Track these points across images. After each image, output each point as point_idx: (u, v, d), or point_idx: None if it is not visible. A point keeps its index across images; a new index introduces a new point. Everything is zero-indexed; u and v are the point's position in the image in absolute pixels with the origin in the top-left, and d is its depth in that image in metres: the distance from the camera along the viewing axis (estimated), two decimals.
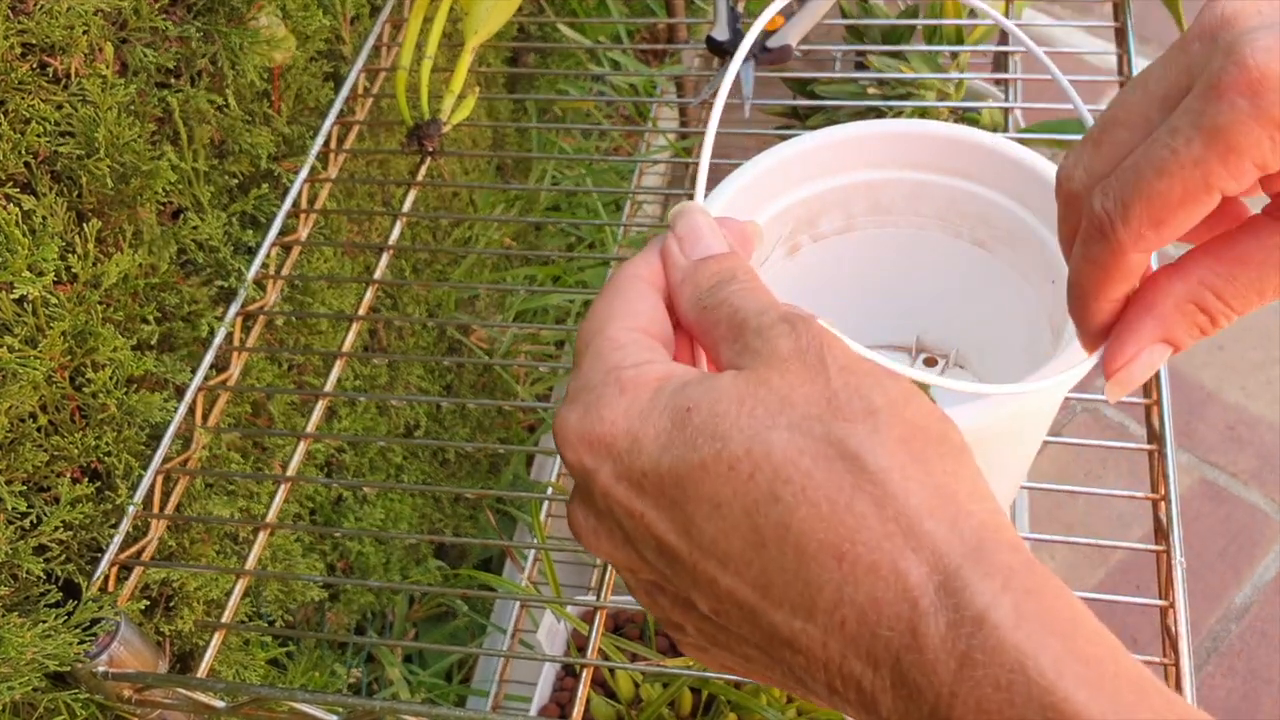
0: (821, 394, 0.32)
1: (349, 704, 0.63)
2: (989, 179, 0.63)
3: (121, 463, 0.73)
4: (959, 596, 0.29)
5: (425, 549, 1.22)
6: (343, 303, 0.96)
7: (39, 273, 0.64)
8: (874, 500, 0.31)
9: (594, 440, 0.34)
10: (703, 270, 0.38)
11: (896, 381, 0.33)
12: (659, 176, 1.67)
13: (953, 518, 0.30)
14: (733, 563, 0.32)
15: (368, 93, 0.99)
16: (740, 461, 0.32)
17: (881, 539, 0.30)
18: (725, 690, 0.95)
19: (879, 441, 0.31)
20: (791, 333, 0.34)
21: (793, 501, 0.31)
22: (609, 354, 0.36)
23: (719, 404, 0.33)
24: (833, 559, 0.30)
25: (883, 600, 0.30)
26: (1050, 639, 0.28)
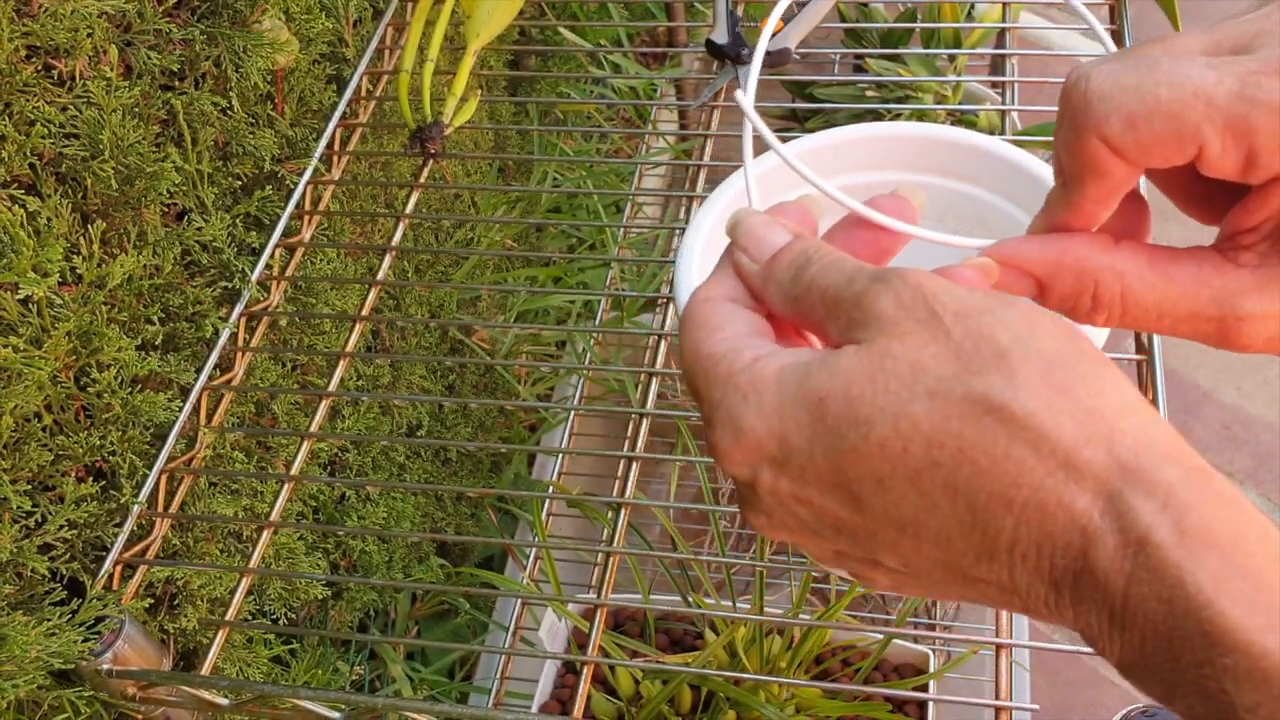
0: (946, 350, 0.33)
1: (352, 701, 0.64)
2: (986, 181, 0.64)
3: (126, 462, 0.74)
4: (1123, 519, 0.30)
5: (427, 547, 1.22)
6: (346, 303, 0.96)
7: (44, 274, 0.65)
8: (1029, 444, 0.31)
9: (745, 452, 0.35)
10: (777, 266, 0.38)
11: (1013, 308, 0.33)
12: (659, 179, 1.68)
13: (1108, 441, 0.31)
14: (909, 527, 0.33)
15: (370, 95, 0.99)
16: (890, 440, 0.32)
17: (1044, 478, 0.31)
18: (724, 687, 0.95)
19: (1019, 385, 0.32)
20: (888, 290, 0.34)
21: (952, 464, 0.32)
22: (715, 368, 0.36)
23: (851, 387, 0.33)
24: (1002, 506, 0.32)
25: (1055, 532, 0.31)
26: (1208, 554, 0.29)
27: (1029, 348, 0.32)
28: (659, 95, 1.59)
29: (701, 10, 1.53)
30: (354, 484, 1.05)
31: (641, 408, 0.80)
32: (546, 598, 1.16)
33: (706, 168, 0.94)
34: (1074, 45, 2.04)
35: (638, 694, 1.08)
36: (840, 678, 1.10)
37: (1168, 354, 1.89)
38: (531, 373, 1.31)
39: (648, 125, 1.60)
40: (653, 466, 1.48)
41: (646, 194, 1.24)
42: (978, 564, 0.33)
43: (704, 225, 0.61)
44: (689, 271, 0.59)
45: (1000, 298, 0.34)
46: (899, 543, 0.34)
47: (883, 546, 0.34)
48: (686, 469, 1.36)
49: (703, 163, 0.94)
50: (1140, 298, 0.38)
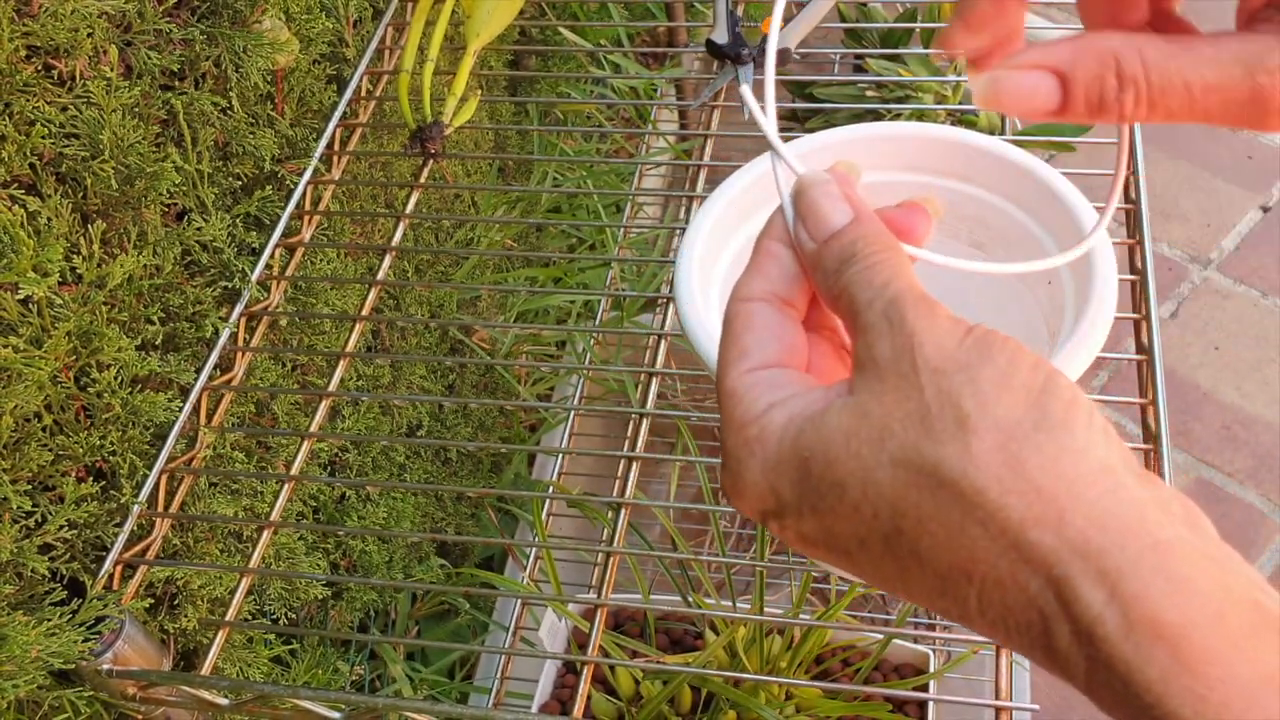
0: (915, 412, 0.33)
1: (352, 701, 0.64)
2: (986, 181, 0.64)
3: (126, 462, 0.74)
4: (1072, 608, 0.30)
5: (427, 547, 1.22)
6: (346, 303, 0.96)
7: (44, 273, 0.65)
8: (979, 521, 0.31)
9: (749, 501, 0.36)
10: (826, 254, 0.38)
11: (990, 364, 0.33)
12: (659, 179, 1.68)
13: (1056, 521, 0.31)
14: (892, 582, 0.35)
15: (370, 95, 0.99)
16: (861, 505, 0.33)
17: (997, 557, 0.31)
18: (724, 688, 0.95)
19: (970, 459, 0.32)
20: (889, 333, 0.34)
21: (914, 533, 0.33)
22: (733, 410, 0.37)
23: (830, 449, 0.34)
24: (963, 578, 0.32)
25: (1015, 609, 0.31)
26: (1155, 649, 0.29)
27: (990, 415, 0.32)
28: (659, 95, 1.59)
29: (701, 10, 1.53)
30: (354, 484, 1.05)
31: (641, 408, 0.80)
32: (546, 598, 1.16)
33: (706, 168, 0.94)
34: None
35: (638, 694, 1.08)
36: (840, 678, 1.10)
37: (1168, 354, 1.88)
38: (531, 373, 1.31)
39: (648, 125, 1.60)
40: (653, 466, 1.48)
41: (646, 194, 1.24)
42: (963, 619, 0.33)
43: (704, 225, 0.61)
44: (689, 271, 0.59)
45: (984, 349, 0.33)
46: (893, 589, 0.35)
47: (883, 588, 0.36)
48: (686, 469, 1.36)
49: (703, 163, 0.94)
50: (1163, 69, 0.35)
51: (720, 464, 0.38)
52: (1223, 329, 1.72)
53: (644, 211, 1.60)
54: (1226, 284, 1.78)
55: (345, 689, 1.05)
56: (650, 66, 1.64)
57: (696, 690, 1.04)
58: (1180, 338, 1.71)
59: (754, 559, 1.10)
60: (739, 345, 0.38)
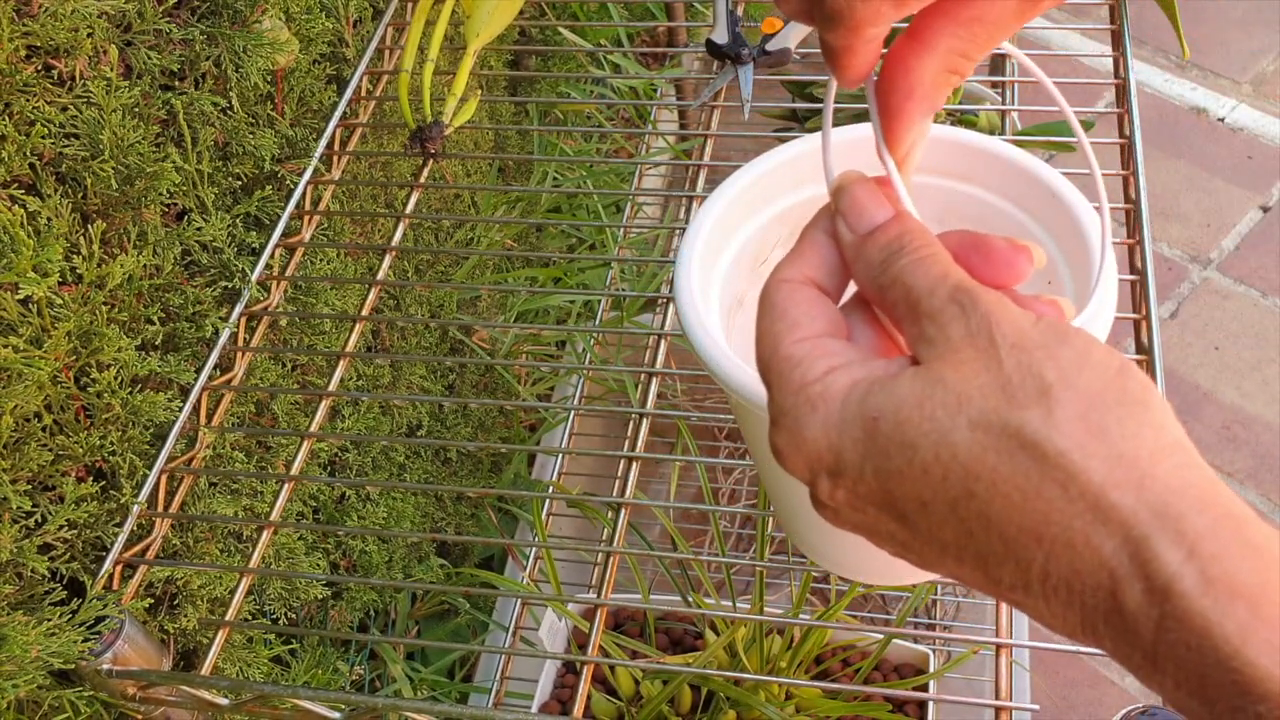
0: (995, 381, 0.33)
1: (352, 701, 0.64)
2: (986, 181, 0.64)
3: (126, 462, 0.74)
4: (1149, 566, 0.31)
5: (427, 547, 1.23)
6: (346, 303, 0.96)
7: (44, 273, 0.65)
8: (1059, 483, 0.32)
9: (806, 459, 0.36)
10: (871, 246, 0.38)
11: (1068, 345, 0.34)
12: (659, 179, 1.68)
13: (1137, 485, 0.32)
14: (952, 548, 0.34)
15: (370, 95, 0.99)
16: (932, 466, 0.34)
17: (1072, 518, 0.32)
18: (724, 687, 0.95)
19: (1054, 424, 0.32)
20: (961, 315, 0.35)
21: (986, 495, 0.33)
22: (790, 373, 0.37)
23: (901, 410, 0.34)
24: (1033, 541, 0.32)
25: (1084, 571, 0.32)
26: (1234, 604, 0.30)
27: (1072, 386, 0.33)
28: (659, 95, 1.59)
29: (701, 10, 1.53)
30: (354, 484, 1.05)
31: (641, 408, 0.80)
32: (546, 598, 1.16)
33: (706, 168, 0.94)
34: (1074, 45, 2.04)
35: (638, 694, 1.08)
36: (840, 678, 1.10)
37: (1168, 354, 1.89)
38: (531, 373, 1.31)
39: (648, 125, 1.60)
40: (653, 466, 1.48)
41: (646, 194, 1.24)
42: (1014, 590, 0.34)
43: (704, 225, 0.61)
44: (689, 271, 0.59)
45: (1060, 333, 0.34)
46: (943, 560, 0.35)
47: (930, 561, 0.36)
48: (686, 469, 1.36)
49: (703, 163, 0.94)
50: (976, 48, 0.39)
51: (771, 424, 0.37)
52: (1223, 329, 1.72)
53: (644, 211, 1.60)
54: (1226, 284, 1.78)
55: (345, 689, 1.05)
56: (650, 66, 1.64)
57: (696, 690, 1.04)
58: (1180, 338, 1.71)
59: (754, 559, 1.10)
60: (788, 318, 0.38)
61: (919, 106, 0.41)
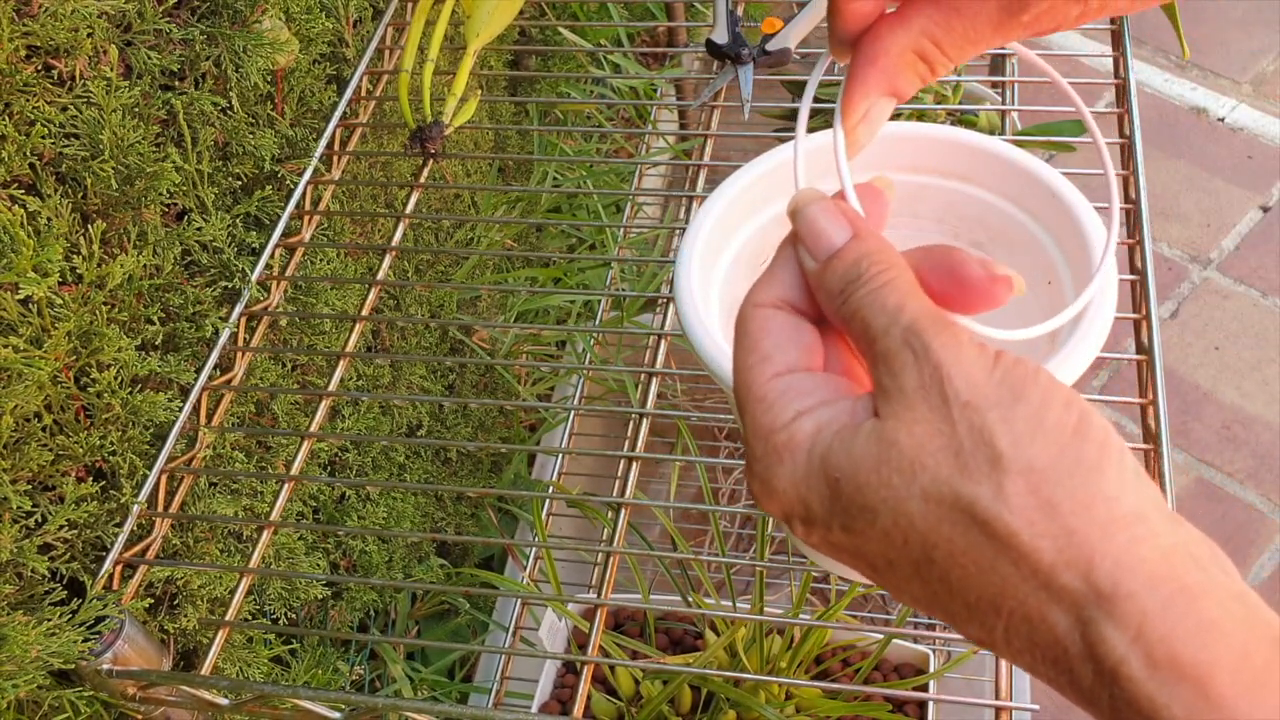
0: (948, 446, 0.33)
1: (352, 701, 0.64)
2: (986, 181, 0.64)
3: (126, 462, 0.74)
4: (1096, 649, 0.31)
5: (427, 547, 1.22)
6: (346, 303, 0.96)
7: (44, 273, 0.65)
8: (1011, 560, 0.32)
9: (779, 506, 0.37)
10: (829, 274, 0.38)
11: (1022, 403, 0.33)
12: (659, 179, 1.68)
13: (1086, 565, 0.31)
14: (921, 601, 0.35)
15: (370, 95, 0.99)
16: (892, 531, 0.34)
17: (1027, 595, 0.32)
18: (724, 688, 0.95)
19: (1004, 500, 0.32)
20: (914, 363, 0.34)
21: (945, 564, 0.33)
22: (761, 417, 0.37)
23: (859, 474, 0.34)
24: (992, 611, 0.33)
25: (1042, 645, 0.32)
26: (1181, 687, 0.30)
27: (1023, 456, 0.33)
28: (659, 95, 1.59)
29: (701, 10, 1.53)
30: (354, 484, 1.05)
31: (641, 408, 0.80)
32: (546, 598, 1.16)
33: (706, 168, 0.94)
34: (1074, 45, 2.04)
35: (638, 694, 1.08)
36: (840, 678, 1.10)
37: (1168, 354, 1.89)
38: (531, 373, 1.31)
39: (648, 125, 1.60)
40: (653, 466, 1.48)
41: (646, 194, 1.24)
42: (988, 644, 0.34)
43: (704, 225, 0.61)
44: (689, 271, 0.59)
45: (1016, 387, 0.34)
46: (916, 606, 0.36)
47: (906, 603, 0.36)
48: (686, 469, 1.36)
49: (703, 163, 0.94)
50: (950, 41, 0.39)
51: (746, 467, 0.38)
52: (1223, 329, 1.72)
53: (644, 211, 1.60)
54: (1226, 284, 1.78)
55: (345, 689, 1.05)
56: (650, 66, 1.64)
57: (696, 690, 1.04)
58: (1180, 338, 1.71)
59: (754, 559, 1.10)
60: (759, 350, 0.38)
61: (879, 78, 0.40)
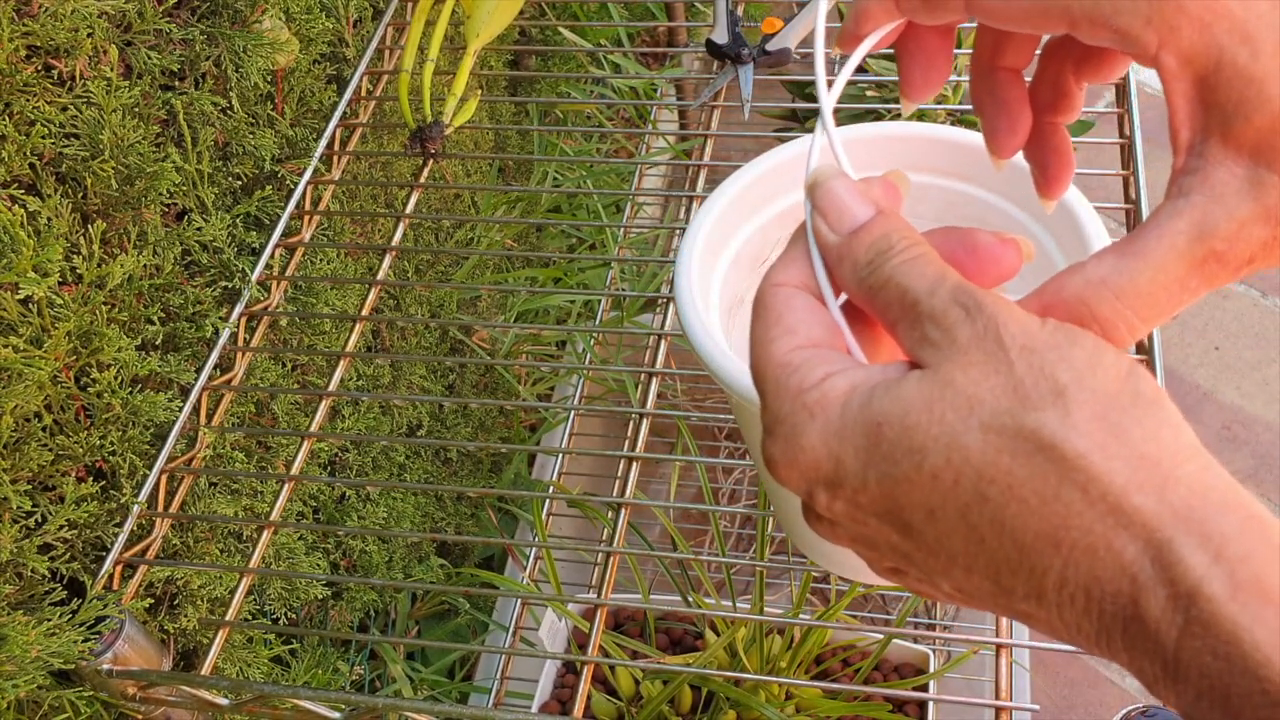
0: (1007, 383, 0.32)
1: (352, 701, 0.64)
2: (986, 181, 0.64)
3: (126, 462, 0.74)
4: (1174, 570, 0.30)
5: (427, 547, 1.22)
6: (346, 303, 0.96)
7: (44, 273, 0.65)
8: (1079, 485, 0.31)
9: (802, 469, 0.35)
10: (856, 245, 0.37)
11: (1078, 346, 0.33)
12: (659, 178, 1.68)
13: (1160, 487, 0.31)
14: (960, 558, 0.33)
15: (370, 95, 0.99)
16: (942, 470, 0.32)
17: (1093, 522, 0.31)
18: (724, 688, 0.95)
19: (1072, 425, 0.31)
20: (966, 317, 0.33)
21: (1001, 500, 0.32)
22: (787, 380, 0.35)
23: (909, 415, 0.33)
24: (1050, 547, 0.31)
25: (1104, 578, 0.31)
26: (1265, 609, 0.29)
27: (1087, 387, 0.32)
28: (659, 95, 1.59)
29: (701, 10, 1.53)
30: (354, 484, 1.05)
31: (641, 408, 0.80)
32: (546, 598, 1.16)
33: (706, 167, 0.94)
34: None
35: (638, 694, 1.08)
36: (840, 678, 1.10)
37: (1168, 354, 1.88)
38: (531, 373, 1.31)
39: (648, 125, 1.60)
40: (653, 466, 1.48)
41: (646, 194, 1.24)
42: (1026, 600, 0.32)
43: (704, 225, 0.61)
44: (689, 271, 0.59)
45: (1069, 334, 0.33)
46: (950, 571, 0.34)
47: (936, 573, 0.34)
48: (686, 469, 1.36)
49: (703, 163, 0.94)
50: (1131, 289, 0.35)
51: (766, 430, 0.36)
52: (1223, 329, 1.72)
53: (644, 211, 1.60)
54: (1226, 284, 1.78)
55: (345, 689, 1.05)
56: (650, 66, 1.64)
57: (696, 690, 1.04)
58: (1180, 338, 1.71)
59: (754, 559, 1.10)
60: (783, 323, 0.37)
61: None
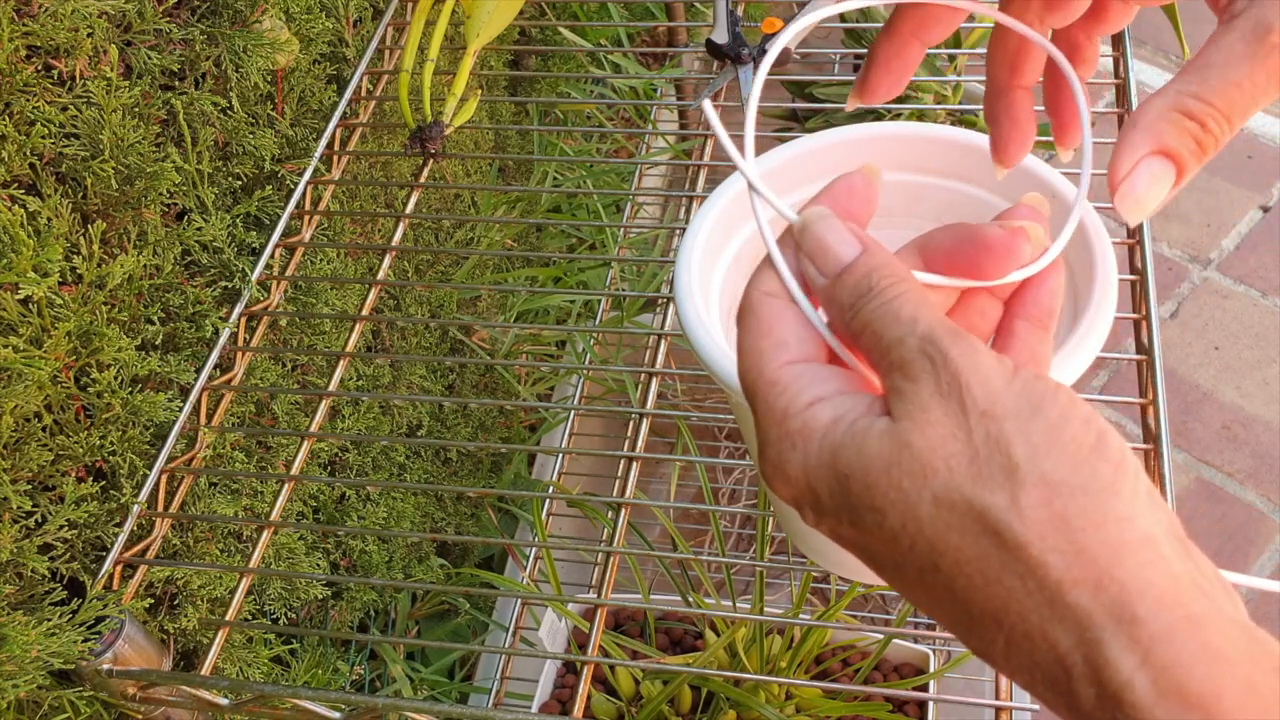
0: (964, 452, 0.33)
1: (352, 701, 0.64)
2: (986, 181, 0.64)
3: (126, 462, 0.74)
4: (1103, 672, 0.30)
5: (427, 547, 1.22)
6: (346, 303, 0.96)
7: (44, 274, 0.65)
8: (1018, 574, 0.32)
9: (790, 489, 0.36)
10: (839, 290, 0.38)
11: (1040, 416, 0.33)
12: (659, 178, 1.68)
13: (1095, 584, 0.31)
14: (924, 605, 0.35)
15: (370, 95, 0.99)
16: (899, 534, 0.34)
17: (1030, 611, 0.32)
18: (724, 687, 0.95)
19: (1018, 511, 0.32)
20: (931, 371, 0.34)
21: (951, 572, 0.33)
22: (775, 400, 0.37)
23: (869, 474, 0.34)
24: (994, 624, 0.32)
25: (1042, 664, 0.32)
26: (1188, 715, 0.29)
27: (1038, 469, 0.32)
28: (659, 95, 1.59)
29: (701, 10, 1.53)
30: (354, 484, 1.05)
31: (641, 408, 0.80)
32: (546, 598, 1.16)
33: (706, 167, 0.94)
34: None
35: (638, 694, 1.08)
36: (840, 678, 1.10)
37: (1168, 354, 1.88)
38: (531, 373, 1.31)
39: (648, 125, 1.60)
40: (653, 466, 1.48)
41: (646, 194, 1.24)
42: (986, 659, 0.34)
43: (704, 225, 0.61)
44: (689, 271, 0.59)
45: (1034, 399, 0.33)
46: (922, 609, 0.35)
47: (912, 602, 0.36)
48: (686, 469, 1.36)
49: (703, 162, 0.94)
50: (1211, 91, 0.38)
51: (759, 448, 0.37)
52: (1223, 329, 1.72)
53: (644, 211, 1.60)
54: (1226, 284, 1.78)
55: (345, 689, 1.05)
56: (650, 66, 1.64)
57: (696, 690, 1.04)
58: (1180, 338, 1.71)
59: (754, 559, 1.10)
60: (774, 335, 0.38)
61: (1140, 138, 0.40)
